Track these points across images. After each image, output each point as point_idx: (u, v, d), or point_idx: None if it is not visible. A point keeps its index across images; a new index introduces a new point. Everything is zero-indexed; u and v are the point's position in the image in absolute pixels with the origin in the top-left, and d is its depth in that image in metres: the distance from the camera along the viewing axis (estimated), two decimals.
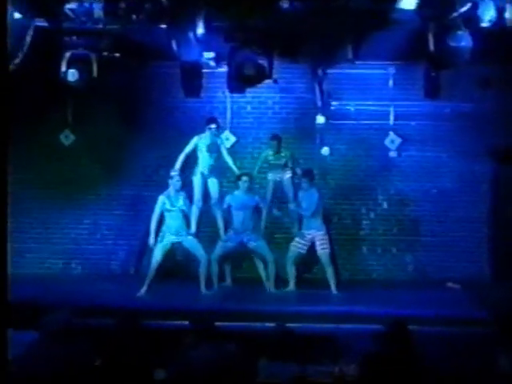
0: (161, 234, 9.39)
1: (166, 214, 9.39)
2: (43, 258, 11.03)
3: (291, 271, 9.48)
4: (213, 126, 9.76)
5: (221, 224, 9.79)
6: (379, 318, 7.28)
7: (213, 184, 9.85)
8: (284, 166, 10.04)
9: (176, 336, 5.72)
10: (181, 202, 9.40)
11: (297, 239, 9.47)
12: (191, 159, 9.86)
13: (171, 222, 9.37)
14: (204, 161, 9.78)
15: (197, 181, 9.79)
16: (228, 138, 10.84)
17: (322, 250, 9.28)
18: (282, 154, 10.05)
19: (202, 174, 9.77)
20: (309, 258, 9.61)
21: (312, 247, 9.45)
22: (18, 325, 5.55)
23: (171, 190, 9.40)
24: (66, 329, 5.38)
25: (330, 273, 9.28)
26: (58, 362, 5.15)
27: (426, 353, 5.78)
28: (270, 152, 10.08)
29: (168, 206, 9.35)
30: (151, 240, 9.39)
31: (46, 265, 11.01)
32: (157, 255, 9.35)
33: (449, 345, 7.12)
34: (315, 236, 9.31)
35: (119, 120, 10.82)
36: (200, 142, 9.76)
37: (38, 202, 10.92)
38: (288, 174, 10.01)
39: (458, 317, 8.02)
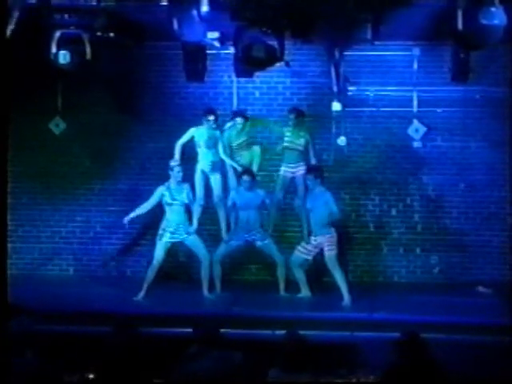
0: (160, 231, 9.42)
1: (167, 208, 9.41)
2: (31, 259, 11.08)
3: (300, 275, 9.49)
4: (210, 117, 9.77)
5: (223, 224, 9.82)
6: (400, 325, 7.29)
7: (215, 181, 9.89)
8: (300, 154, 9.97)
9: (177, 345, 5.74)
10: (183, 194, 9.41)
11: (302, 244, 9.45)
12: (194, 153, 9.89)
13: (172, 217, 9.39)
14: (204, 157, 9.86)
15: (198, 179, 9.89)
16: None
17: (328, 251, 9.26)
18: (301, 134, 9.98)
19: (203, 171, 9.83)
20: (320, 259, 9.59)
21: (322, 251, 9.42)
22: None
23: (172, 182, 9.42)
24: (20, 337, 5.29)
25: (337, 278, 9.23)
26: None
27: (453, 364, 5.79)
28: (288, 129, 9.96)
29: (168, 199, 9.37)
30: (127, 218, 9.40)
31: (34, 266, 11.06)
32: (157, 255, 9.38)
33: (479, 355, 7.12)
34: (322, 241, 9.28)
35: (114, 107, 10.84)
36: (197, 135, 9.81)
37: (25, 197, 10.95)
38: (301, 170, 9.95)
39: (489, 324, 8.01)
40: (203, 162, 9.85)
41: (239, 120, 10.00)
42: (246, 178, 9.53)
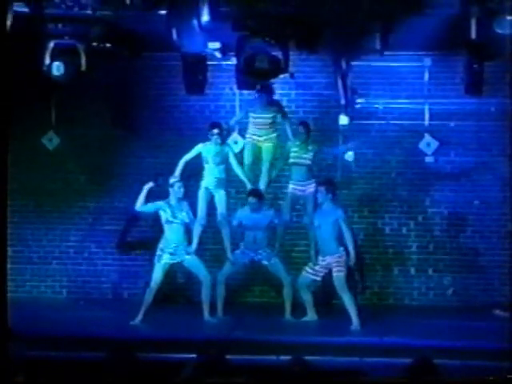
0: (158, 252, 9.41)
1: (166, 227, 9.42)
2: (23, 281, 11.07)
3: (307, 298, 9.49)
4: (215, 131, 9.76)
5: (228, 243, 9.79)
6: (412, 350, 7.29)
7: (220, 198, 9.87)
8: (309, 170, 9.96)
9: (177, 371, 5.72)
10: (184, 213, 9.41)
11: (310, 264, 9.46)
12: (198, 169, 9.91)
13: (171, 236, 9.39)
14: (210, 173, 9.84)
15: (201, 196, 9.87)
16: (237, 142, 10.83)
17: (337, 272, 9.24)
18: (309, 148, 9.96)
19: (207, 188, 9.83)
20: (329, 281, 9.58)
21: (330, 272, 9.41)
22: None
23: (172, 199, 9.42)
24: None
25: (346, 301, 9.21)
26: None
27: None
28: (295, 143, 9.92)
29: (169, 217, 9.37)
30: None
31: (25, 288, 11.06)
32: (156, 277, 9.37)
33: (496, 383, 7.09)
34: (331, 262, 9.28)
35: (111, 121, 10.89)
36: (204, 150, 9.80)
37: (16, 215, 10.94)
38: (311, 188, 9.92)
39: (507, 350, 7.97)
40: (208, 178, 9.84)
41: (264, 97, 9.88)
42: (251, 199, 9.52)
